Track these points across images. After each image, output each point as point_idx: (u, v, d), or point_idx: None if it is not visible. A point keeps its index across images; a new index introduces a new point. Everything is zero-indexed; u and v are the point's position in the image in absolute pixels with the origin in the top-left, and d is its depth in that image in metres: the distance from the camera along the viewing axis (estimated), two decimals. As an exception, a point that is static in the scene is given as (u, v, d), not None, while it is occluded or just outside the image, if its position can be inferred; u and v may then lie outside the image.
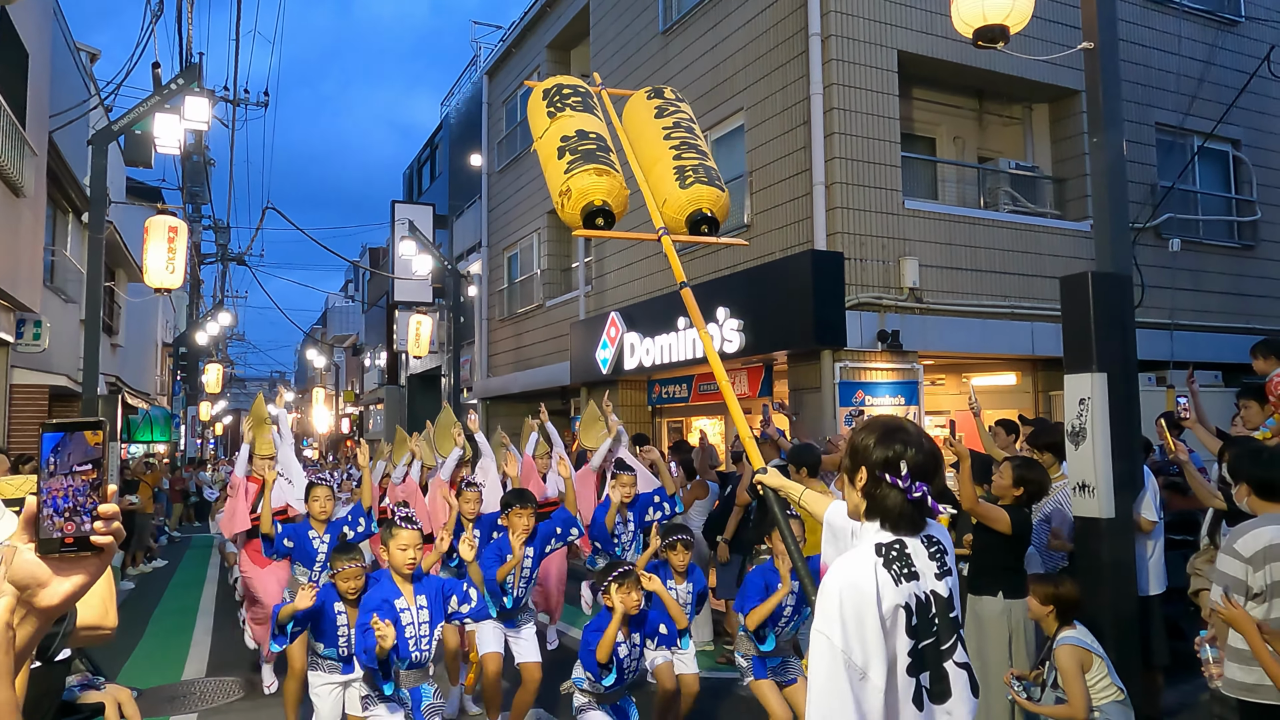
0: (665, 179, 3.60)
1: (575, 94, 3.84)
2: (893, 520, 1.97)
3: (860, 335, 8.87)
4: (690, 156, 3.63)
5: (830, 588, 1.88)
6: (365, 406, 35.20)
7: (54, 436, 1.06)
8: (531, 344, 16.26)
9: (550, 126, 3.69)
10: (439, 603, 4.02)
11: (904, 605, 1.88)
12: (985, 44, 4.73)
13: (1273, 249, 11.49)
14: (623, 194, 3.52)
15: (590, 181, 3.43)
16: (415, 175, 28.64)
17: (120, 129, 9.79)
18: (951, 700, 1.94)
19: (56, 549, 1.04)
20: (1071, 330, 5.06)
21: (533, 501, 5.05)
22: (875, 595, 1.85)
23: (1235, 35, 11.58)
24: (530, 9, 16.49)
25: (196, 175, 22.39)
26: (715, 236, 3.67)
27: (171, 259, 9.62)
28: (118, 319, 17.64)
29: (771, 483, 2.91)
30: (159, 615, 9.40)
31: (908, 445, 1.98)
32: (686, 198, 3.52)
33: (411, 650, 3.91)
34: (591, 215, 3.44)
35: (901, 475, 1.94)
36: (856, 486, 2.03)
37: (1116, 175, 5.23)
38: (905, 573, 1.92)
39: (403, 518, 3.97)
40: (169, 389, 24.55)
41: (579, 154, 3.50)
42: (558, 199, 3.52)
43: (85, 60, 14.39)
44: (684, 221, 3.55)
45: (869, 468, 2.00)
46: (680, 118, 3.81)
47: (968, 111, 11.08)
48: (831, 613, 1.85)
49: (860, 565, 1.91)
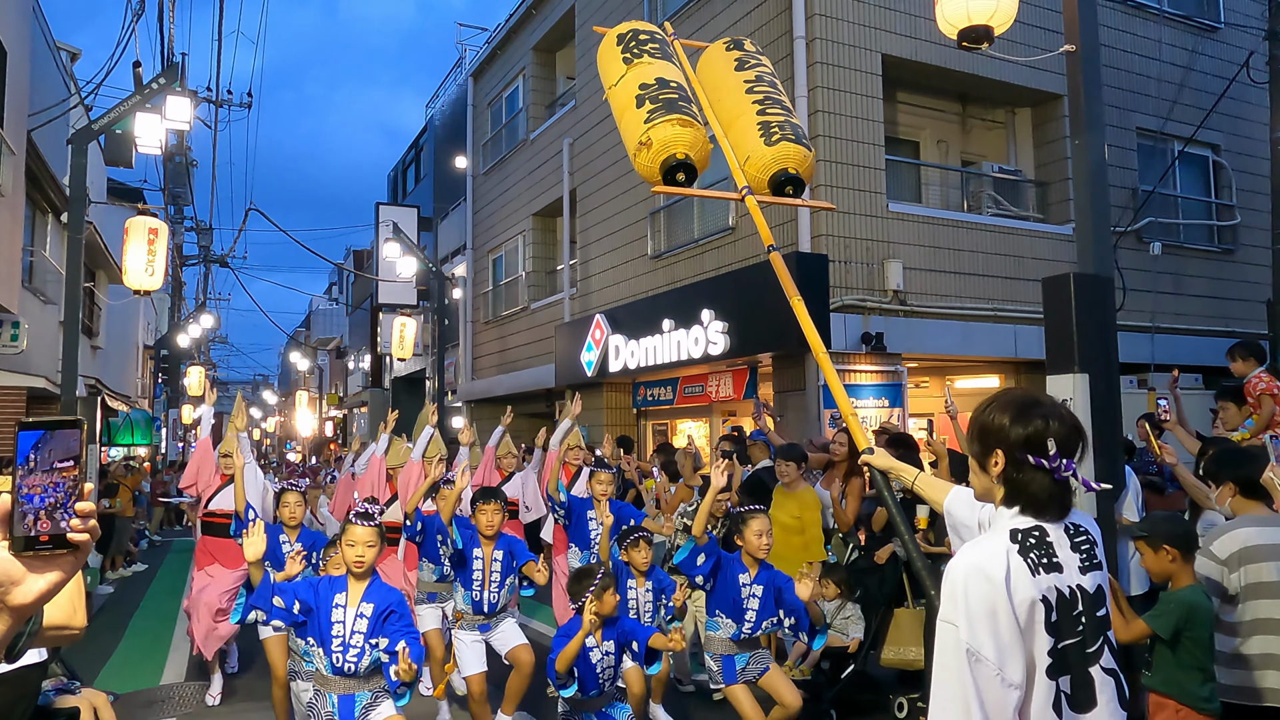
0: (748, 135, 3.33)
1: (653, 40, 3.59)
2: (1037, 505, 1.76)
3: (845, 337, 8.89)
4: (775, 112, 3.36)
5: (955, 573, 1.70)
6: (349, 409, 35.02)
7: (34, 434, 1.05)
8: (516, 346, 16.21)
9: (627, 73, 3.44)
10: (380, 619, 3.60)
11: (1042, 599, 1.67)
12: (969, 45, 4.74)
13: (1252, 253, 11.60)
14: (705, 148, 3.28)
15: (673, 133, 3.19)
16: (400, 177, 28.53)
17: (100, 128, 9.70)
18: (1096, 710, 1.72)
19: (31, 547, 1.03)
20: (1053, 332, 5.08)
21: (501, 498, 5.04)
22: (1006, 584, 1.65)
23: (1215, 41, 11.70)
24: (516, 11, 16.48)
25: (178, 176, 22.22)
26: (800, 198, 3.43)
27: (152, 260, 9.52)
28: (98, 321, 17.47)
29: (880, 464, 2.67)
30: (138, 619, 9.30)
31: (1049, 418, 1.76)
32: (772, 155, 3.26)
33: (334, 650, 3.56)
34: (672, 170, 3.20)
35: (1049, 454, 1.72)
36: (991, 472, 1.81)
37: (1098, 179, 5.26)
38: (1045, 562, 1.71)
39: (359, 514, 3.68)
40: (150, 392, 24.34)
41: (660, 103, 3.24)
42: (635, 150, 3.26)
43: (65, 59, 14.27)
44: (766, 181, 3.30)
45: (1007, 449, 1.77)
46: (762, 71, 3.54)
47: (951, 115, 11.14)
48: (957, 600, 1.66)
49: (990, 550, 1.72)
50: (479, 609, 4.90)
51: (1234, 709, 3.32)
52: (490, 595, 4.91)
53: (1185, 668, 3.07)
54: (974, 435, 1.86)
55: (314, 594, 3.65)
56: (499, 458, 7.69)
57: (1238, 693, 3.32)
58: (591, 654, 4.02)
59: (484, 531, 4.91)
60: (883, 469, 2.64)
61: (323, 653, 3.60)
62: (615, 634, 4.13)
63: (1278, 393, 5.81)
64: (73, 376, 8.87)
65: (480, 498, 4.99)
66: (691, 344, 9.98)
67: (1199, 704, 3.06)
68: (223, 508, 6.22)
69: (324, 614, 3.60)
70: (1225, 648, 3.33)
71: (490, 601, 4.91)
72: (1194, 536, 3.33)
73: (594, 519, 5.91)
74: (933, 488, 2.54)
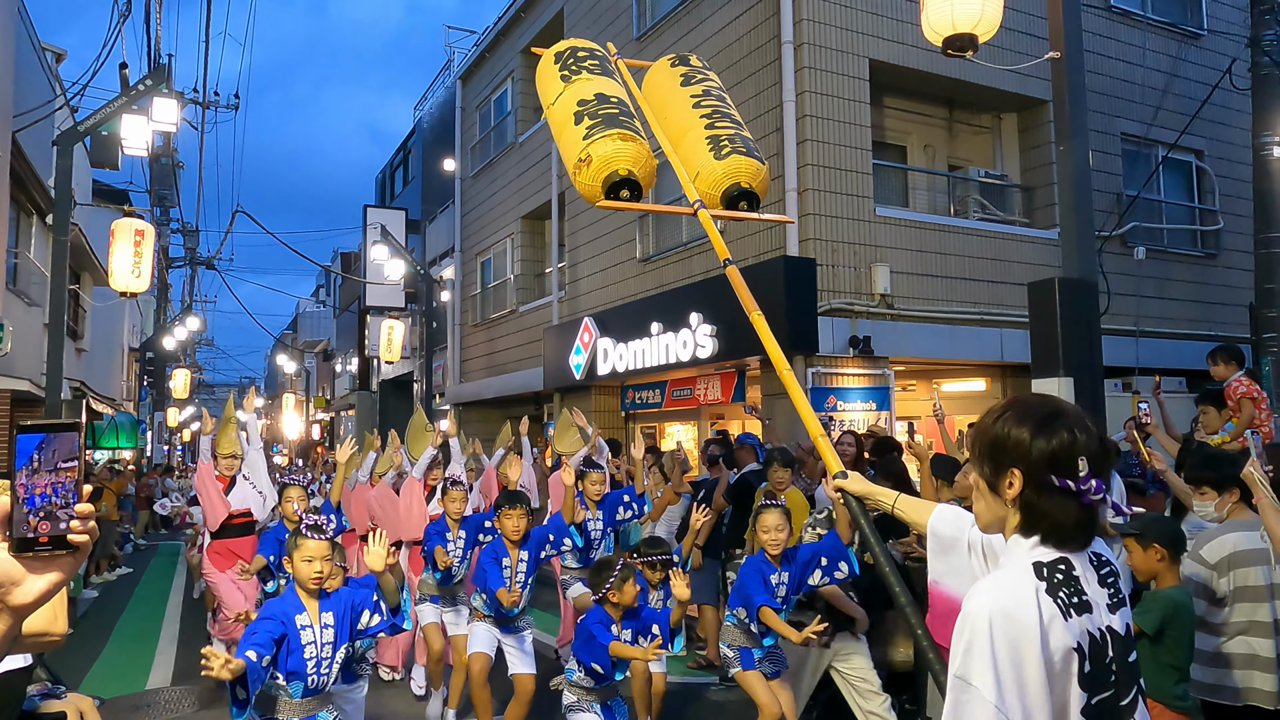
0: (697, 150, 3.23)
1: (592, 57, 3.48)
2: (1061, 534, 1.49)
3: (832, 341, 8.93)
4: (725, 125, 3.26)
5: (975, 619, 1.42)
6: (336, 412, 34.88)
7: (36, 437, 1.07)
8: (505, 349, 16.20)
9: (565, 91, 3.33)
10: (346, 621, 3.63)
11: (1075, 647, 1.41)
12: (954, 52, 4.79)
13: (1234, 257, 11.71)
14: (650, 163, 3.16)
15: (613, 148, 3.06)
16: (388, 179, 28.47)
17: (86, 130, 9.65)
18: None
19: (31, 548, 1.05)
20: (1038, 336, 5.14)
21: (525, 503, 5.02)
22: (1040, 631, 1.39)
23: (1198, 48, 11.81)
24: (504, 14, 16.49)
25: (165, 178, 22.11)
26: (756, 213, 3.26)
27: (138, 262, 9.49)
28: (83, 323, 17.36)
29: (855, 489, 2.42)
30: (123, 624, 9.25)
31: (1077, 430, 1.50)
32: (723, 170, 3.14)
33: (309, 672, 3.50)
34: (616, 186, 3.07)
35: (1079, 474, 1.47)
36: (1004, 495, 1.53)
37: (1082, 183, 5.32)
38: (1075, 602, 1.44)
39: (309, 526, 3.57)
40: (135, 394, 24.20)
41: (600, 118, 3.13)
42: (574, 168, 3.14)
43: (51, 60, 14.19)
44: (719, 197, 3.17)
45: (1027, 469, 1.49)
46: (709, 85, 3.44)
47: (938, 120, 11.21)
48: (979, 653, 1.39)
49: (1015, 590, 1.44)
50: (504, 615, 4.86)
51: (1212, 707, 3.37)
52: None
53: (1162, 665, 3.11)
54: (983, 452, 1.58)
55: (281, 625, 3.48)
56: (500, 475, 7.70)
57: (1217, 691, 3.37)
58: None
59: (510, 537, 4.86)
60: (858, 494, 2.41)
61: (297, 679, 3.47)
62: (635, 624, 4.16)
63: (1257, 396, 5.88)
64: (57, 379, 8.82)
65: (505, 502, 4.93)
66: (680, 347, 10.00)
67: (1172, 701, 3.10)
68: (237, 507, 6.22)
69: (294, 640, 3.47)
70: (1207, 647, 3.38)
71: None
72: (1183, 538, 3.38)
73: (590, 519, 5.94)
74: (914, 509, 2.36)
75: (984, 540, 1.98)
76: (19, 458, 1.06)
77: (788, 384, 2.87)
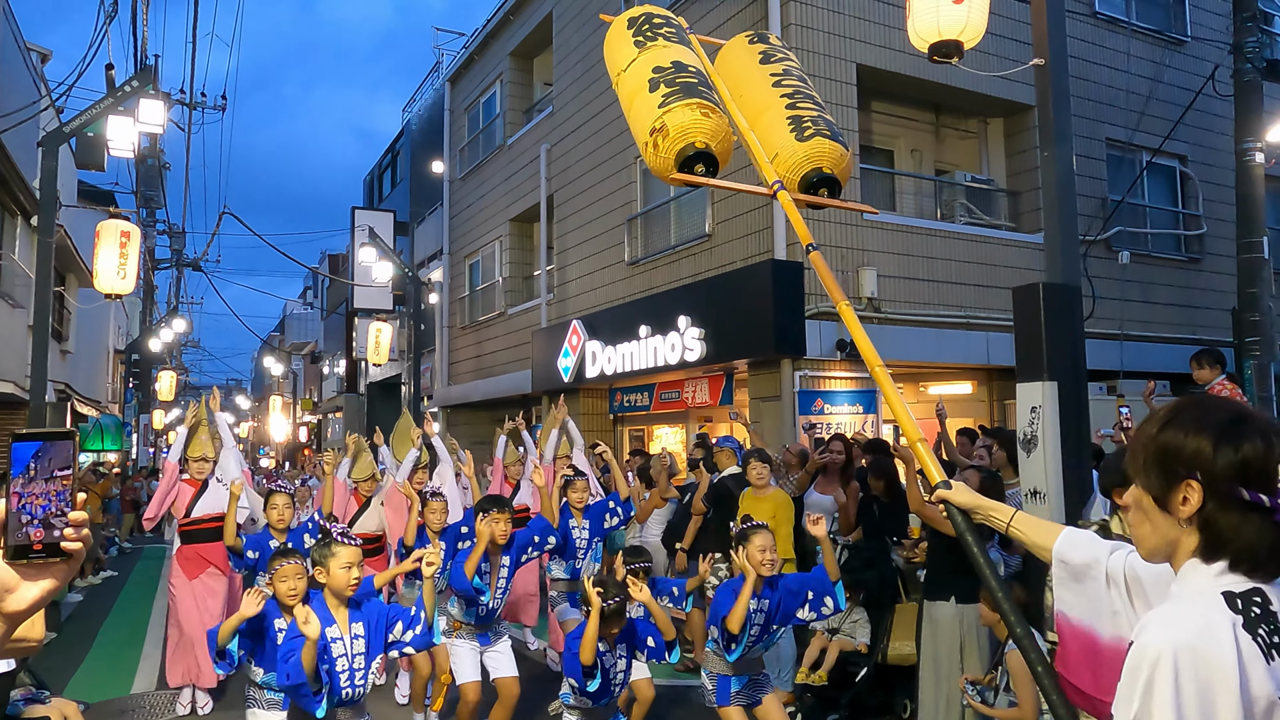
0: (776, 130, 3.02)
1: (668, 25, 3.29)
2: (1254, 559, 1.26)
3: (819, 344, 8.96)
4: (807, 106, 3.06)
5: (1154, 656, 1.18)
6: (323, 415, 34.74)
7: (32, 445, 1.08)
8: (493, 352, 16.18)
9: (639, 57, 3.11)
10: (380, 632, 3.55)
11: (1279, 698, 1.18)
12: (940, 59, 4.82)
13: (1217, 262, 11.81)
14: (728, 139, 2.95)
15: (691, 118, 2.85)
16: (376, 181, 28.40)
17: (72, 131, 9.59)
18: None
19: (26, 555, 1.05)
20: (1023, 340, 5.16)
21: (509, 506, 4.99)
22: (1239, 673, 1.16)
23: (1182, 54, 11.92)
24: (493, 17, 16.48)
25: (151, 179, 21.99)
26: (837, 200, 3.06)
27: (123, 264, 9.43)
28: (68, 325, 17.25)
29: (961, 500, 2.07)
30: (108, 628, 9.18)
31: (1270, 436, 1.28)
32: (805, 152, 2.94)
33: (343, 685, 3.43)
34: (690, 160, 2.87)
35: (1277, 488, 1.27)
36: (1178, 512, 1.30)
37: (1066, 188, 5.36)
38: (1276, 642, 1.21)
39: (341, 533, 3.54)
40: (120, 396, 24.05)
41: (677, 86, 2.92)
42: (647, 139, 2.92)
43: (36, 60, 14.10)
44: (798, 181, 2.97)
45: (1209, 481, 1.27)
46: (789, 65, 3.25)
47: (925, 125, 11.27)
48: (1161, 696, 1.16)
49: (1206, 623, 1.21)
50: (483, 620, 4.83)
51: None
52: (494, 603, 4.87)
53: None
54: (1149, 463, 1.35)
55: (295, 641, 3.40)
56: (507, 467, 7.68)
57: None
58: (605, 658, 3.91)
59: (496, 540, 4.78)
60: (964, 506, 2.04)
61: (330, 691, 3.40)
62: (625, 637, 4.06)
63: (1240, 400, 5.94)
64: (42, 381, 8.76)
65: (488, 505, 4.85)
66: (668, 350, 10.02)
67: None
68: (208, 512, 6.11)
69: (326, 652, 3.40)
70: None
71: (492, 609, 4.87)
72: None
73: (575, 527, 5.92)
74: (1034, 530, 1.98)
75: (1127, 573, 1.72)
76: (15, 466, 1.07)
77: (881, 380, 2.63)
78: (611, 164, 12.33)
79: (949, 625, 4.69)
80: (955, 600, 4.70)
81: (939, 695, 4.72)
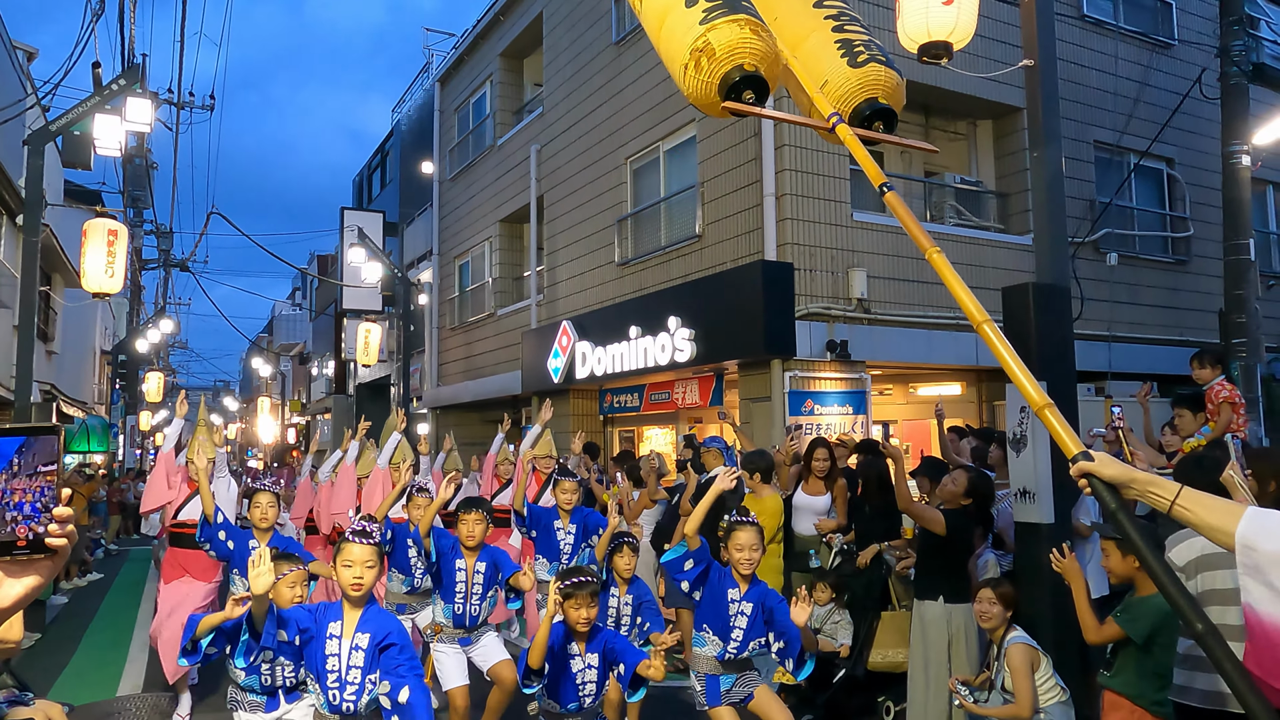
0: (823, 55, 2.67)
1: None
2: None
3: (810, 345, 8.97)
4: (855, 30, 2.77)
5: None
6: (312, 416, 34.60)
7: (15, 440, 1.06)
8: (482, 353, 16.14)
9: None
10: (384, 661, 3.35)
11: None
12: (929, 60, 4.83)
13: (1204, 264, 11.88)
14: (777, 62, 2.59)
15: (739, 36, 2.46)
16: (365, 182, 28.31)
17: (58, 129, 9.53)
18: None
19: (9, 551, 1.03)
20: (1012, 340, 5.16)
21: (484, 507, 4.98)
22: None
23: (1169, 57, 11.98)
24: (483, 17, 16.45)
25: (138, 178, 21.87)
26: (894, 135, 2.75)
27: (111, 263, 9.37)
28: (53, 325, 17.13)
29: (1109, 474, 1.78)
30: (93, 630, 9.12)
31: None
32: (858, 79, 2.63)
33: (330, 685, 3.30)
34: (736, 87, 2.48)
35: None
36: None
37: (1055, 190, 5.38)
38: None
39: (356, 531, 3.44)
40: (107, 398, 23.89)
41: (719, 0, 2.55)
42: (686, 60, 2.51)
43: (22, 59, 14.00)
44: (848, 114, 2.67)
45: None
46: None
47: (915, 126, 11.28)
48: None
49: None
50: (460, 622, 4.79)
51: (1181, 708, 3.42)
52: (472, 608, 4.81)
53: (1148, 673, 3.13)
54: None
55: (313, 620, 3.40)
56: (498, 465, 7.67)
57: (1185, 692, 3.41)
58: (573, 662, 3.76)
59: (465, 542, 4.77)
60: (1112, 480, 1.76)
61: (319, 688, 3.34)
62: (600, 647, 3.82)
63: (1238, 401, 5.95)
64: (27, 382, 8.69)
65: (463, 507, 4.87)
66: (658, 351, 10.01)
67: (1153, 707, 3.13)
68: (193, 517, 6.03)
69: (319, 644, 3.34)
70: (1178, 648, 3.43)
71: (472, 614, 4.81)
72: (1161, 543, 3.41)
73: (560, 529, 5.89)
74: (1208, 510, 1.69)
75: None
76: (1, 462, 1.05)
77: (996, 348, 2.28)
78: (602, 165, 12.32)
79: (938, 625, 4.70)
80: (944, 600, 4.70)
81: (928, 695, 4.73)
